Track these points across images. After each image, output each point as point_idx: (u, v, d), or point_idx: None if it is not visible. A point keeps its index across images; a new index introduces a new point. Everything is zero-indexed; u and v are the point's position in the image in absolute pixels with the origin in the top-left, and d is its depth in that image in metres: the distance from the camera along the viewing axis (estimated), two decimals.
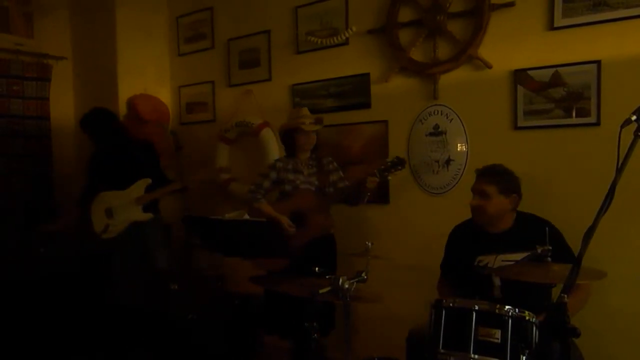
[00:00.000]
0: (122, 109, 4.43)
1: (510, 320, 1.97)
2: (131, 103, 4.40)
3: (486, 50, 3.14)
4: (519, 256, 2.40)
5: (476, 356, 1.96)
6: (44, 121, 4.52)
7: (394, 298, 3.46)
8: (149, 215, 3.76)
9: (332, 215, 3.31)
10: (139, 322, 3.16)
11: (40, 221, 4.15)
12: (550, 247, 2.08)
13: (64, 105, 4.69)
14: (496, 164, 2.63)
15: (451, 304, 2.09)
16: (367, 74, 3.64)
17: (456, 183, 3.29)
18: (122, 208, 3.74)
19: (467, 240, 2.68)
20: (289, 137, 3.31)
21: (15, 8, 4.43)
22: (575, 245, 1.58)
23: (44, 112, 4.52)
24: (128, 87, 4.47)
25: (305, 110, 3.34)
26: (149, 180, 3.76)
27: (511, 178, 2.57)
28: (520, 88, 3.05)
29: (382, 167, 3.02)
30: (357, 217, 3.59)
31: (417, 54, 3.39)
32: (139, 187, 3.75)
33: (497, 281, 2.50)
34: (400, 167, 3.03)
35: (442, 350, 2.03)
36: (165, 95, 4.75)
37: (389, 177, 3.06)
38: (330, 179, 3.31)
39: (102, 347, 3.27)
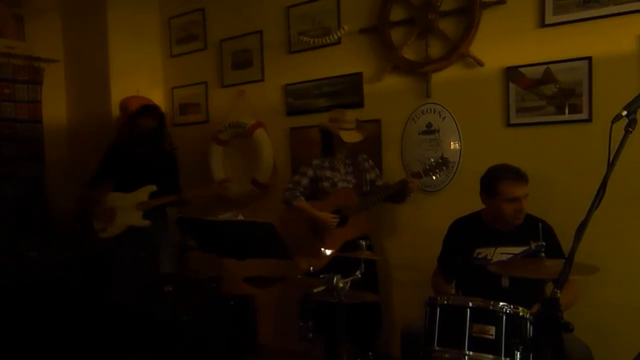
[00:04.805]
0: (114, 111, 4.42)
1: (504, 317, 1.97)
2: (124, 105, 4.39)
3: (478, 48, 3.15)
4: (518, 250, 2.40)
5: (471, 353, 1.96)
6: (36, 124, 4.49)
7: (388, 295, 3.49)
8: (146, 222, 3.72)
9: (371, 215, 3.27)
10: (134, 324, 3.15)
11: (32, 225, 4.12)
12: (544, 243, 2.08)
13: (56, 108, 4.67)
14: (506, 164, 2.58)
15: (446, 301, 2.10)
16: (360, 73, 3.64)
17: (450, 181, 3.29)
18: (123, 211, 3.71)
19: (468, 233, 2.68)
20: (328, 137, 3.28)
21: (5, 11, 4.40)
22: (568, 240, 1.58)
23: (36, 115, 4.48)
24: (120, 89, 4.45)
25: (348, 115, 3.24)
26: (154, 187, 3.73)
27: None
28: (512, 85, 3.06)
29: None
30: None
31: (409, 53, 3.40)
32: (143, 193, 3.72)
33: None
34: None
35: (437, 348, 2.04)
36: (158, 96, 4.73)
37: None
38: (367, 177, 3.30)
39: (95, 350, 3.26)
